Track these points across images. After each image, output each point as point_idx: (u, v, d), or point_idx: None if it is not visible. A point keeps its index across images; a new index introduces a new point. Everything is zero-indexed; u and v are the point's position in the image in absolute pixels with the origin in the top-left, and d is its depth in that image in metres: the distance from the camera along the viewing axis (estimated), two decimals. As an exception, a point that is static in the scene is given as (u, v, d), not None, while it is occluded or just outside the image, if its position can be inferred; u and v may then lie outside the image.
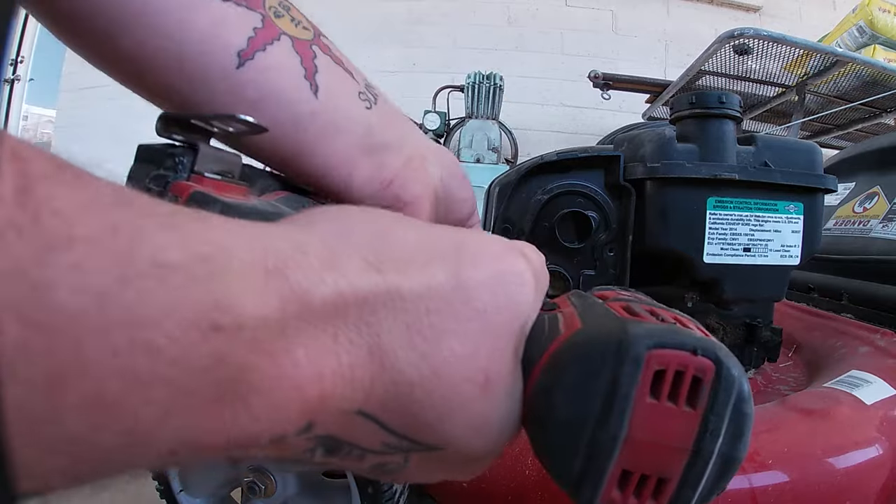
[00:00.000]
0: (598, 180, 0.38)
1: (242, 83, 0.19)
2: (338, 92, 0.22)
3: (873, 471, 0.35)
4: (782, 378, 0.50)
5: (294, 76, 0.20)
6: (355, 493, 0.33)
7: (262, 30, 0.19)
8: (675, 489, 0.15)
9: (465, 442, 0.15)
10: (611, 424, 0.14)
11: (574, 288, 0.37)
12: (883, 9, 1.29)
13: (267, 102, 0.20)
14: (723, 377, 0.15)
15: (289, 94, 0.20)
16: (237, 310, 0.10)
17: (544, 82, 2.30)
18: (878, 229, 0.64)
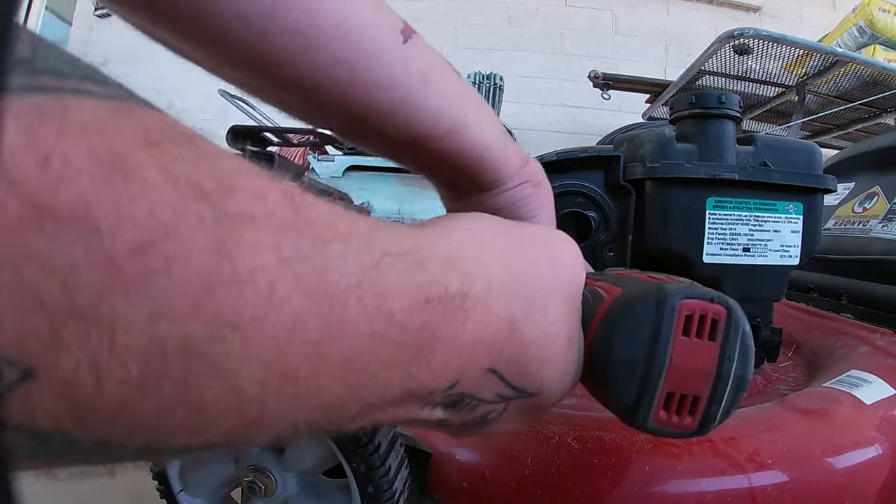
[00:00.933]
0: (598, 180, 0.38)
1: (409, 56, 0.22)
2: (467, 82, 0.24)
3: (873, 471, 0.35)
4: (782, 378, 0.50)
5: (441, 59, 0.23)
6: (355, 492, 0.33)
7: (405, 22, 0.22)
8: (705, 405, 0.20)
9: (554, 387, 0.20)
10: (657, 357, 0.19)
11: None
12: (883, 9, 1.29)
13: (434, 77, 0.22)
14: (732, 319, 0.20)
15: (446, 73, 0.23)
16: (441, 288, 0.14)
17: (544, 82, 2.30)
18: (877, 229, 0.64)
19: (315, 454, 0.34)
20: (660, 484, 0.33)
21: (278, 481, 0.35)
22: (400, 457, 0.35)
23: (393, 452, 0.34)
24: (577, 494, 0.33)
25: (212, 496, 0.41)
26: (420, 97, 0.22)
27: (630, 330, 0.19)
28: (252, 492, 0.36)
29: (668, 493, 0.32)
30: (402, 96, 0.22)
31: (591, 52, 2.28)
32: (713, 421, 0.20)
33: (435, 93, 0.22)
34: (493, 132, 0.25)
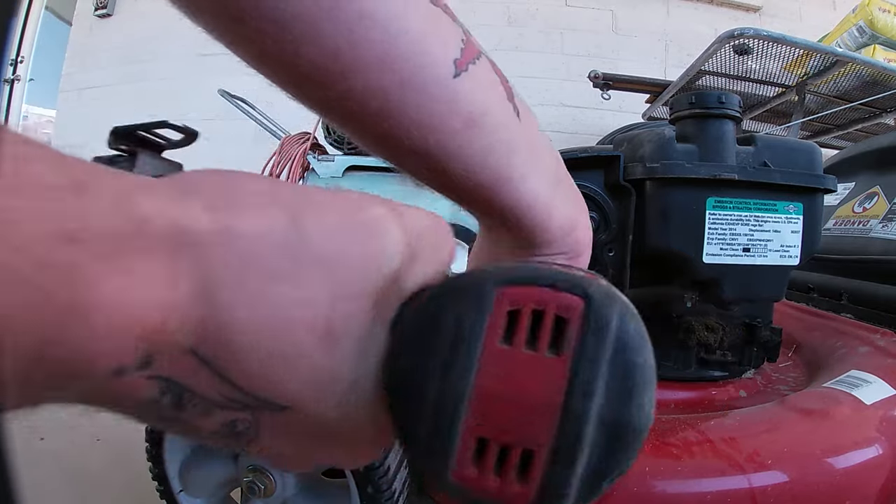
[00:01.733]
0: (598, 180, 0.38)
1: (458, 94, 0.18)
2: (531, 121, 0.21)
3: (873, 470, 0.35)
4: (782, 378, 0.50)
5: (500, 97, 0.20)
6: (354, 493, 0.33)
7: (469, 42, 0.18)
8: (545, 464, 0.12)
9: (310, 402, 0.14)
10: (454, 375, 0.12)
11: None
12: (883, 9, 1.29)
13: (483, 120, 0.19)
14: (593, 317, 0.12)
15: (498, 116, 0.19)
16: (87, 223, 0.11)
17: (544, 82, 2.30)
18: (877, 229, 0.64)
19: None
20: (660, 484, 0.32)
21: (277, 482, 0.35)
22: (399, 457, 0.35)
23: (392, 453, 0.34)
24: (576, 495, 0.33)
25: (211, 496, 0.41)
26: (460, 144, 0.19)
27: (423, 334, 0.13)
28: (251, 492, 0.36)
29: (667, 494, 0.32)
30: (440, 140, 0.18)
31: (591, 52, 2.27)
32: (563, 498, 0.12)
33: (479, 141, 0.19)
34: (542, 189, 0.21)
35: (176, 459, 0.39)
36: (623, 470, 0.13)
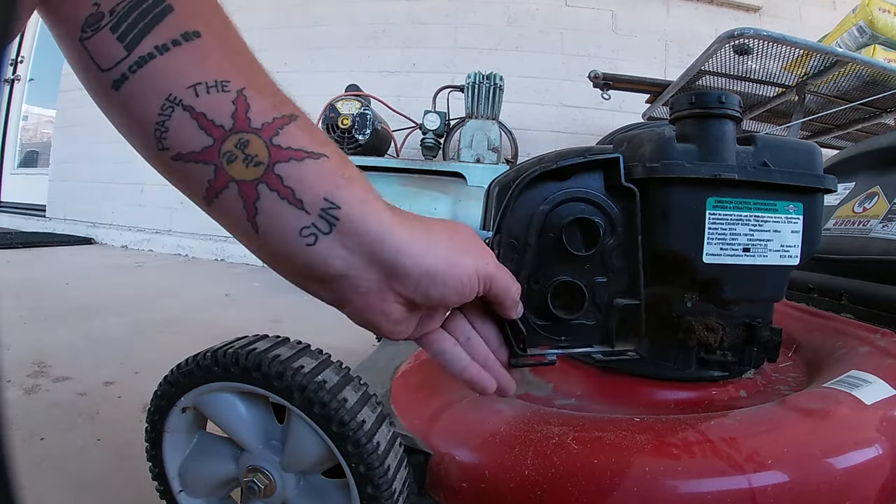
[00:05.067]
0: (600, 184, 0.38)
1: (214, 216, 0.25)
2: (277, 230, 0.24)
3: (873, 471, 0.35)
4: (782, 378, 0.50)
5: (240, 218, 0.24)
6: (355, 492, 0.33)
7: (215, 180, 0.23)
8: None
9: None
10: None
11: (589, 298, 0.37)
12: (883, 9, 1.28)
13: (232, 233, 0.25)
14: None
15: (240, 232, 0.25)
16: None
17: (544, 82, 2.30)
18: (877, 229, 0.64)
19: (314, 454, 0.34)
20: (659, 484, 0.32)
21: (277, 482, 0.35)
22: (399, 457, 0.35)
23: (392, 452, 0.34)
24: (576, 495, 0.33)
25: (211, 496, 0.41)
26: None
27: None
28: (251, 492, 0.36)
29: (667, 494, 0.32)
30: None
31: (591, 52, 2.27)
32: None
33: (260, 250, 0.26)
34: (289, 280, 0.28)
35: (175, 459, 0.39)
36: None
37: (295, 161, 0.24)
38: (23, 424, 0.68)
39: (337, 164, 0.25)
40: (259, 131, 0.23)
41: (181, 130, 0.23)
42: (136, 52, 0.22)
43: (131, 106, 0.23)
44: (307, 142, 0.24)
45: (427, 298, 0.27)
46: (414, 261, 0.26)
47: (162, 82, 0.22)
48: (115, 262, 2.22)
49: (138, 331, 1.16)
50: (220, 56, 0.23)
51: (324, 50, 2.43)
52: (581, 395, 0.47)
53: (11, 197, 3.49)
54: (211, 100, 0.23)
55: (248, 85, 0.23)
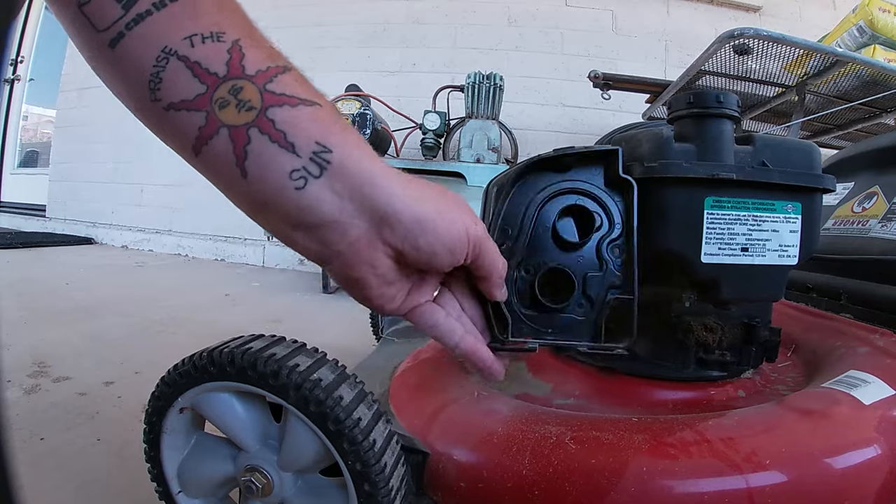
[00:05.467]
0: (598, 177, 0.38)
1: (200, 167, 0.25)
2: (267, 174, 0.24)
3: (871, 471, 0.35)
4: (781, 378, 0.50)
5: (229, 164, 0.24)
6: (352, 491, 0.33)
7: (205, 127, 0.23)
8: None
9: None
10: None
11: (580, 290, 0.37)
12: (883, 9, 1.28)
13: (217, 183, 0.25)
14: None
15: (227, 180, 0.25)
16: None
17: (544, 82, 2.29)
18: (877, 229, 0.64)
19: (310, 453, 0.34)
20: (657, 484, 0.32)
21: (275, 481, 0.35)
22: (396, 454, 0.35)
23: (388, 450, 0.34)
24: (574, 495, 0.33)
25: (210, 497, 0.41)
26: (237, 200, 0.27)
27: None
28: (249, 491, 0.36)
29: (665, 494, 0.32)
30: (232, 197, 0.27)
31: (591, 52, 2.27)
32: None
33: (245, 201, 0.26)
34: (273, 228, 0.28)
35: (174, 460, 0.39)
36: None
37: (288, 106, 0.24)
38: (23, 424, 0.68)
39: (330, 112, 0.25)
40: (253, 78, 0.23)
41: (175, 80, 0.23)
42: (133, 10, 0.22)
43: (127, 61, 0.23)
44: (301, 90, 0.24)
45: (416, 249, 0.27)
46: (406, 205, 0.26)
47: (158, 35, 0.22)
48: (115, 262, 2.23)
49: (138, 331, 1.16)
50: (215, 10, 0.24)
51: (324, 50, 2.43)
52: (579, 395, 0.47)
53: (11, 197, 3.49)
54: (206, 49, 0.23)
55: (244, 36, 0.24)
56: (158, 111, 0.23)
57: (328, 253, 0.26)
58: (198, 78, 0.23)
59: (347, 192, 0.25)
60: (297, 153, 0.24)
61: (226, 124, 0.23)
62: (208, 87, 0.23)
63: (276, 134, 0.23)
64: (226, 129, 0.23)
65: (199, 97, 0.23)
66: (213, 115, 0.23)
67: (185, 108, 0.23)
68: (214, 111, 0.23)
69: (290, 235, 0.26)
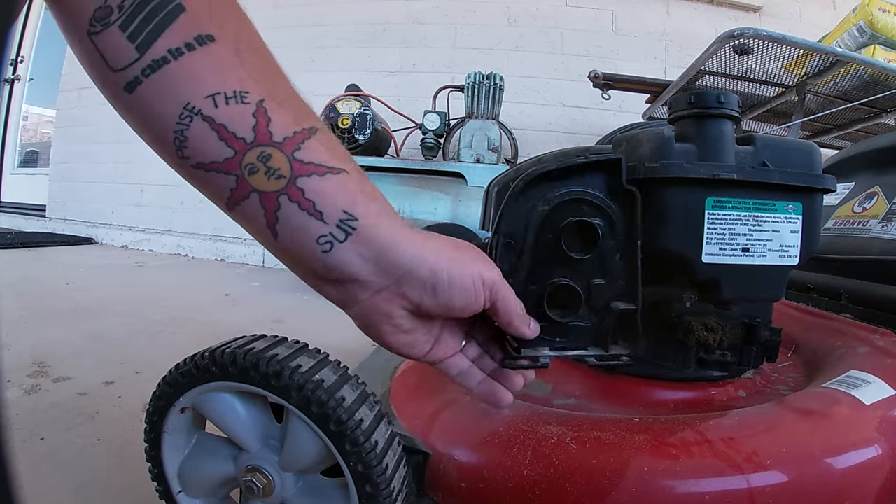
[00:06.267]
0: (601, 186, 0.37)
1: (235, 220, 0.26)
2: (297, 237, 0.26)
3: (872, 471, 0.35)
4: (781, 378, 0.50)
5: (261, 225, 0.25)
6: (353, 492, 0.33)
7: (237, 190, 0.24)
8: None
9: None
10: None
11: (584, 300, 0.36)
12: (883, 9, 1.28)
13: (252, 235, 0.26)
14: None
15: (259, 236, 0.26)
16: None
17: (544, 82, 2.29)
18: (877, 229, 0.64)
19: (312, 453, 0.34)
20: (658, 484, 0.32)
21: (276, 481, 0.35)
22: (397, 455, 0.35)
23: (390, 451, 0.34)
24: (575, 495, 0.33)
25: (210, 497, 0.41)
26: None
27: None
28: (250, 491, 0.36)
29: (665, 494, 0.32)
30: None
31: (591, 52, 2.27)
32: None
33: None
34: (307, 281, 0.29)
35: (174, 460, 0.39)
36: None
37: (317, 176, 0.24)
38: (23, 424, 0.68)
39: (357, 180, 0.26)
40: (281, 145, 0.24)
41: (201, 141, 0.23)
42: (148, 54, 0.22)
43: (147, 111, 0.23)
44: (328, 157, 0.25)
45: (435, 300, 0.28)
46: (423, 262, 0.27)
47: (178, 90, 0.23)
48: (116, 262, 2.23)
49: (138, 331, 1.16)
50: (236, 63, 0.24)
51: (324, 50, 2.43)
52: (580, 395, 0.47)
53: (11, 197, 3.49)
54: (230, 111, 0.23)
55: (268, 96, 0.24)
56: (188, 168, 0.24)
57: (350, 301, 0.28)
58: (224, 141, 0.23)
59: (370, 253, 0.26)
60: (324, 220, 0.25)
61: (257, 189, 0.24)
62: (236, 151, 0.23)
63: (305, 203, 0.25)
64: (257, 194, 0.24)
65: (228, 161, 0.24)
66: (243, 179, 0.24)
67: (214, 170, 0.24)
68: (245, 175, 0.24)
69: (316, 285, 0.28)
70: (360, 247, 0.26)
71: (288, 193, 0.24)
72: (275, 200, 0.24)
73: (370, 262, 0.26)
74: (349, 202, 0.25)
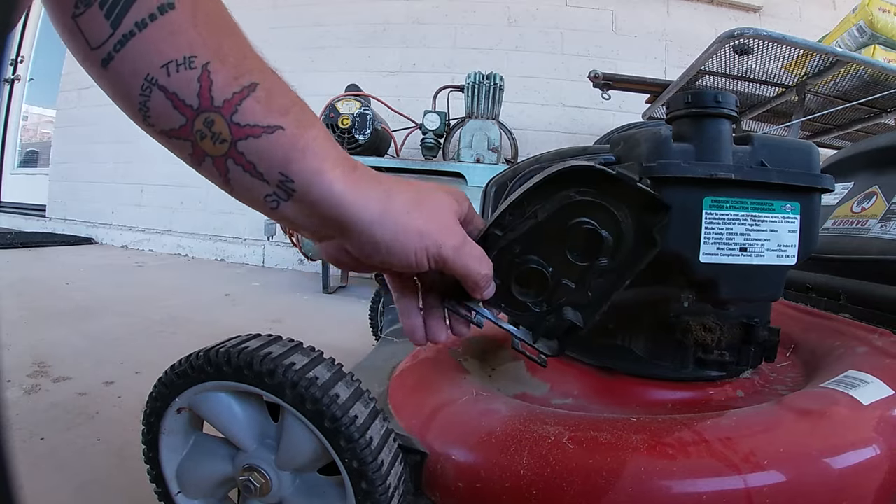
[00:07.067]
0: (633, 213, 0.36)
1: (203, 176, 0.28)
2: (248, 195, 0.28)
3: (870, 471, 0.34)
4: (780, 378, 0.50)
5: (220, 182, 0.28)
6: (349, 489, 0.33)
7: (193, 154, 0.27)
8: None
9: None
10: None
11: (550, 290, 0.36)
12: (883, 9, 1.28)
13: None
14: None
15: (223, 190, 0.28)
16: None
17: (544, 82, 2.29)
18: (876, 229, 0.64)
19: (308, 451, 0.34)
20: (655, 484, 0.32)
21: (273, 480, 0.35)
22: (393, 452, 0.35)
23: (385, 448, 0.34)
24: (571, 494, 0.33)
25: (209, 497, 0.41)
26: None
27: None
28: (248, 491, 0.36)
29: (663, 494, 0.32)
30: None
31: (591, 52, 2.27)
32: None
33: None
34: None
35: (172, 461, 0.39)
36: None
37: (253, 138, 0.26)
38: (23, 424, 0.68)
39: (291, 135, 0.27)
40: (221, 109, 0.25)
41: (160, 110, 0.25)
42: (119, 29, 0.24)
43: (119, 85, 0.25)
44: (263, 115, 0.26)
45: (370, 262, 0.31)
46: (362, 228, 0.29)
47: (140, 62, 0.24)
48: (116, 262, 2.23)
49: (138, 331, 1.16)
50: (189, 27, 0.25)
51: (324, 50, 2.43)
52: (577, 394, 0.47)
53: (11, 197, 3.49)
54: (180, 79, 0.25)
55: (214, 56, 0.25)
56: (155, 135, 0.27)
57: (307, 237, 0.31)
58: (177, 110, 0.25)
59: (312, 212, 0.28)
60: (266, 181, 0.27)
61: (208, 154, 0.26)
62: (187, 119, 0.25)
63: (247, 165, 0.27)
64: (209, 157, 0.27)
65: (182, 127, 0.26)
66: (196, 146, 0.26)
67: (174, 137, 0.26)
68: (197, 141, 0.26)
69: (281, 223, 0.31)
70: (303, 206, 0.28)
71: (232, 157, 0.26)
72: (224, 163, 0.27)
73: (314, 217, 0.28)
74: (283, 162, 0.27)
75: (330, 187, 0.27)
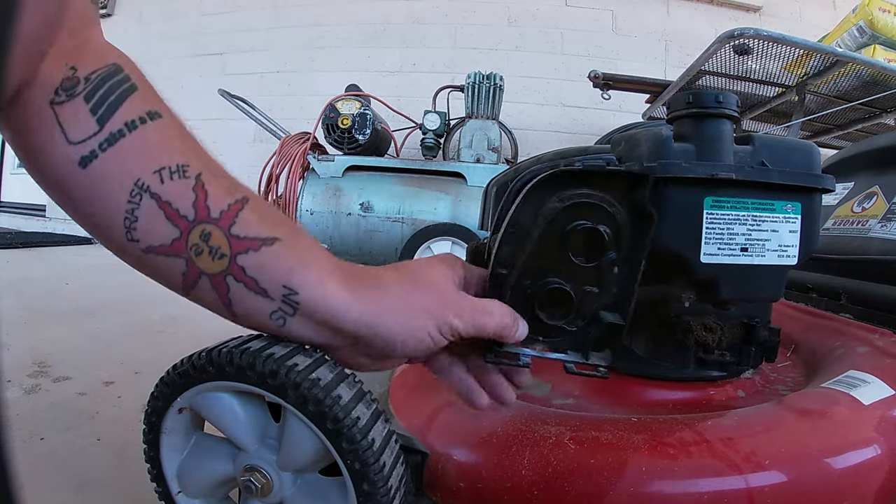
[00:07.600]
0: (620, 196, 0.35)
1: (194, 301, 0.27)
2: (252, 315, 0.27)
3: (871, 471, 0.35)
4: (780, 378, 0.50)
5: (218, 305, 0.27)
6: (351, 490, 0.33)
7: (187, 273, 0.25)
8: None
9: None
10: None
11: (577, 305, 0.35)
12: (883, 9, 1.28)
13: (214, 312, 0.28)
14: None
15: (221, 314, 0.28)
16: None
17: (544, 82, 2.30)
18: (876, 229, 0.64)
19: (309, 452, 0.34)
20: (656, 484, 0.32)
21: (274, 480, 0.35)
22: (395, 453, 0.35)
23: (388, 449, 0.34)
24: (573, 495, 0.33)
25: (210, 497, 0.41)
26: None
27: None
28: (248, 491, 0.36)
29: (664, 494, 0.32)
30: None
31: (591, 52, 2.27)
32: None
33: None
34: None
35: (173, 461, 0.39)
36: None
37: (252, 251, 0.25)
38: (23, 424, 0.68)
39: (290, 244, 0.26)
40: (218, 221, 0.24)
41: (150, 221, 0.23)
42: (107, 127, 0.22)
43: (99, 189, 0.23)
44: (260, 227, 0.25)
45: (393, 356, 0.30)
46: (371, 332, 0.28)
47: (131, 164, 0.22)
48: (116, 262, 2.21)
49: (138, 331, 1.16)
50: (178, 138, 0.24)
51: (324, 50, 2.43)
52: (578, 394, 0.47)
53: (11, 197, 3.49)
54: (174, 187, 0.23)
55: (204, 168, 0.24)
56: (138, 252, 0.24)
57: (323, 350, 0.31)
58: (171, 221, 0.23)
59: (320, 324, 0.28)
60: (270, 297, 0.26)
61: (205, 272, 0.25)
62: (182, 232, 0.24)
63: (249, 281, 0.25)
64: (206, 277, 0.25)
65: (175, 242, 0.24)
66: (192, 263, 0.24)
67: (164, 254, 0.24)
68: (192, 258, 0.24)
69: None
70: (309, 320, 0.27)
71: (233, 274, 0.25)
72: (223, 282, 0.25)
73: (322, 329, 0.28)
74: (286, 274, 0.26)
75: (334, 296, 0.27)
